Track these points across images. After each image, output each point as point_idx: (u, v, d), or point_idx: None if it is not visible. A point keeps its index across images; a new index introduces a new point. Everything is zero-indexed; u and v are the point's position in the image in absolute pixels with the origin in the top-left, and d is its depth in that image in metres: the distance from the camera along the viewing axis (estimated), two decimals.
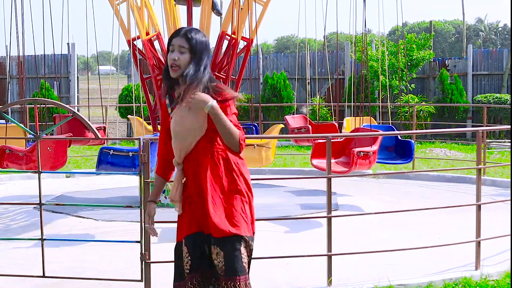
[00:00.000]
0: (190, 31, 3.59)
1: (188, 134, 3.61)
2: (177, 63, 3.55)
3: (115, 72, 32.33)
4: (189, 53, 3.56)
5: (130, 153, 7.48)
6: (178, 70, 3.56)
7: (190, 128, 3.60)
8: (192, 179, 3.69)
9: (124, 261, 6.17)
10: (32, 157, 7.80)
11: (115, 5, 9.27)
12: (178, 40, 3.56)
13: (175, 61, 3.55)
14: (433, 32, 23.11)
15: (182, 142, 3.64)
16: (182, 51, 3.55)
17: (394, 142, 9.70)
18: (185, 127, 3.60)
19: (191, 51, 3.56)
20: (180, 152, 3.67)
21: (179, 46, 3.55)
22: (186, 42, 3.55)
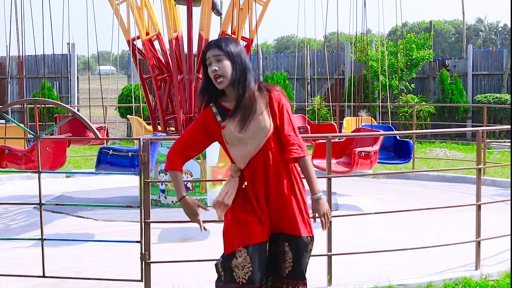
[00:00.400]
0: (219, 40, 3.60)
1: (254, 138, 3.58)
2: (219, 73, 3.53)
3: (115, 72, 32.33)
4: (227, 59, 3.55)
5: (129, 153, 7.48)
6: (224, 80, 3.54)
7: (255, 130, 3.57)
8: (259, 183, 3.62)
9: (124, 261, 6.17)
10: (31, 157, 7.80)
11: (115, 5, 9.27)
12: (211, 51, 3.56)
13: (217, 71, 3.53)
14: (433, 32, 23.11)
15: (246, 147, 3.59)
16: (219, 59, 3.55)
17: (393, 142, 9.70)
18: (250, 131, 3.58)
19: (228, 57, 3.56)
20: (244, 158, 3.62)
21: (213, 56, 3.55)
22: (219, 50, 3.55)
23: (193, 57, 9.27)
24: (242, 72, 3.58)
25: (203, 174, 8.85)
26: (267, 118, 3.58)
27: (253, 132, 3.57)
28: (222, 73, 3.54)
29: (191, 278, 5.53)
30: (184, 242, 7.04)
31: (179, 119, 9.21)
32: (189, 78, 9.28)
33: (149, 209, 5.09)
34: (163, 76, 9.38)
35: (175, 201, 8.87)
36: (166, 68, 9.39)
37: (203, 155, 8.87)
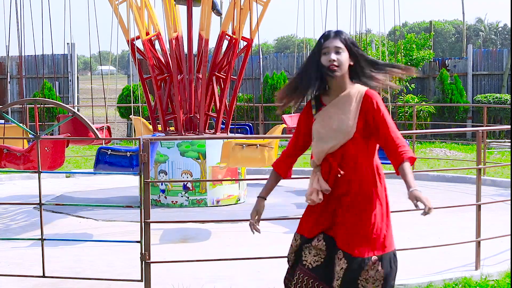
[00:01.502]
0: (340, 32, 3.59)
1: (332, 136, 3.53)
2: (337, 63, 3.50)
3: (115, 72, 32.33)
4: (346, 52, 3.54)
5: (128, 153, 7.48)
6: (338, 70, 3.50)
7: (336, 129, 3.52)
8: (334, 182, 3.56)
9: (124, 261, 6.17)
10: (30, 157, 7.79)
11: (115, 5, 9.27)
12: (332, 41, 3.54)
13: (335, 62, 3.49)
14: (433, 32, 23.11)
15: (323, 146, 3.55)
16: (339, 51, 3.52)
17: None
18: (330, 128, 3.54)
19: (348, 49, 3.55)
20: (319, 155, 3.57)
21: (335, 47, 3.52)
22: (340, 43, 3.54)
23: (193, 57, 9.27)
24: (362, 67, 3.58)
25: (203, 174, 8.85)
26: (353, 120, 3.51)
27: (334, 131, 3.53)
28: (339, 64, 3.51)
29: (191, 278, 5.53)
30: (184, 242, 7.04)
31: (179, 119, 9.21)
32: (189, 78, 9.28)
33: (149, 209, 5.09)
34: (163, 76, 9.38)
35: (175, 201, 8.88)
36: (166, 68, 9.39)
37: (203, 155, 8.87)
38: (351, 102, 3.53)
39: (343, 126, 3.51)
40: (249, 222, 3.74)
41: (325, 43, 3.55)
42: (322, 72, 3.53)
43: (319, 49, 3.57)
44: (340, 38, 3.55)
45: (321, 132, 3.55)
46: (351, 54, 3.55)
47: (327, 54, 3.53)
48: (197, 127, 9.31)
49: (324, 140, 3.54)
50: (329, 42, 3.54)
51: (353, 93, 3.55)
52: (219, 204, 8.88)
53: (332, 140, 3.53)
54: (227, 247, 6.77)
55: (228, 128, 9.62)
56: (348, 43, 3.55)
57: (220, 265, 5.80)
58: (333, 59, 3.49)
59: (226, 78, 9.40)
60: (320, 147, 3.56)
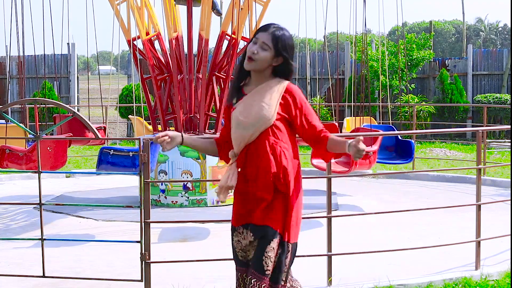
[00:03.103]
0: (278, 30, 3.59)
1: (252, 123, 3.55)
2: (255, 57, 3.55)
3: (115, 72, 32.33)
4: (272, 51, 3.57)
5: (130, 153, 7.48)
6: (251, 63, 3.56)
7: (256, 116, 3.55)
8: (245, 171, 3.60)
9: (124, 261, 6.17)
10: (32, 157, 7.80)
11: (115, 5, 9.27)
12: (263, 35, 3.57)
13: (254, 55, 3.55)
14: (433, 32, 23.11)
15: (243, 133, 3.58)
16: (265, 48, 3.56)
17: (394, 142, 9.69)
18: (250, 114, 3.56)
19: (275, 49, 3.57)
20: (239, 143, 3.60)
21: (262, 43, 3.56)
22: (270, 41, 3.57)
23: (193, 57, 9.27)
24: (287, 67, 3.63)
25: (203, 174, 8.85)
26: (273, 108, 3.55)
27: (254, 118, 3.55)
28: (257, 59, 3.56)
29: (191, 278, 5.53)
30: (184, 242, 7.04)
31: (179, 119, 9.21)
32: (189, 78, 9.28)
33: (149, 209, 5.09)
34: (163, 76, 9.38)
35: (175, 201, 8.88)
36: (166, 68, 9.39)
37: (203, 155, 8.87)
38: (272, 92, 3.58)
39: (263, 113, 3.53)
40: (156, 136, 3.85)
41: (259, 33, 3.60)
42: None
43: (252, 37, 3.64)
44: (273, 36, 3.57)
45: (240, 119, 3.58)
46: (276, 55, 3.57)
47: (253, 44, 3.58)
48: (197, 127, 9.32)
49: (244, 126, 3.57)
50: (261, 35, 3.59)
51: (274, 84, 3.60)
52: (219, 204, 8.89)
53: (251, 127, 3.55)
54: (227, 247, 6.73)
55: None
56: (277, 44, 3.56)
57: (220, 265, 5.80)
58: (253, 50, 3.56)
59: (226, 78, 9.40)
60: (240, 134, 3.59)
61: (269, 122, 3.54)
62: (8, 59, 17.79)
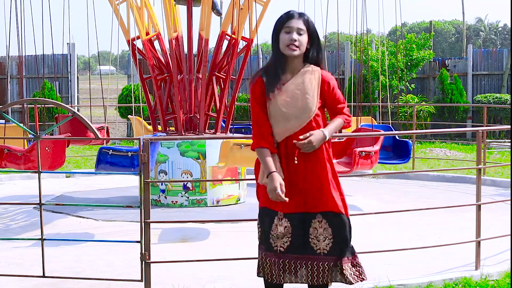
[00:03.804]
0: (304, 15, 3.78)
1: (297, 115, 3.70)
2: (297, 44, 3.69)
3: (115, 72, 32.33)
4: (307, 34, 3.73)
5: (129, 153, 7.48)
6: (297, 50, 3.70)
7: (301, 108, 3.70)
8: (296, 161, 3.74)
9: (124, 261, 6.17)
10: (31, 157, 7.80)
11: (115, 5, 9.27)
12: (296, 22, 3.72)
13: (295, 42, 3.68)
14: (433, 32, 23.11)
15: (287, 124, 3.71)
16: (301, 33, 3.71)
17: (392, 142, 9.69)
18: (296, 107, 3.70)
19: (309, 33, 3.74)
20: (283, 134, 3.73)
21: (298, 29, 3.71)
22: (303, 25, 3.73)
23: (193, 57, 9.27)
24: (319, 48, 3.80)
25: (203, 174, 8.85)
26: (315, 99, 3.72)
27: (299, 110, 3.70)
28: (299, 45, 3.71)
29: (191, 278, 5.53)
30: (184, 242, 7.04)
31: (179, 119, 9.21)
32: (189, 78, 9.28)
33: (149, 209, 5.09)
34: (163, 76, 9.38)
35: (175, 201, 8.88)
36: (166, 68, 9.39)
37: (203, 155, 8.87)
38: (312, 82, 3.74)
39: (308, 105, 3.71)
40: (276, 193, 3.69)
41: (289, 22, 3.73)
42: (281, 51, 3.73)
43: (281, 26, 3.74)
44: (303, 20, 3.75)
45: (285, 111, 3.70)
46: (310, 37, 3.75)
47: (289, 33, 3.71)
48: (197, 127, 9.32)
49: (290, 119, 3.71)
50: (293, 22, 3.73)
51: (310, 73, 3.76)
52: (219, 204, 8.88)
53: (297, 119, 3.71)
54: (227, 247, 6.77)
55: (228, 128, 9.62)
56: (311, 26, 3.76)
57: (220, 265, 5.80)
58: (294, 39, 3.69)
59: (226, 78, 9.40)
60: (285, 126, 3.72)
61: (313, 113, 3.72)
62: (8, 59, 17.78)
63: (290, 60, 3.76)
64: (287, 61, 3.76)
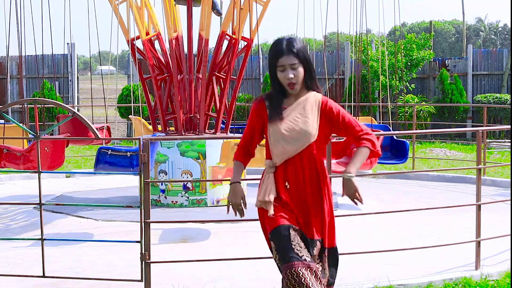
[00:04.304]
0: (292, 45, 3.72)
1: (298, 138, 3.73)
2: (294, 81, 3.72)
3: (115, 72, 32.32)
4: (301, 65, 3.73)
5: (128, 153, 7.48)
6: (296, 86, 3.74)
7: (301, 132, 3.73)
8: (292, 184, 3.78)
9: (124, 261, 6.17)
10: (30, 157, 7.80)
11: (115, 5, 9.27)
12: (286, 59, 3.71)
13: (292, 79, 3.71)
14: (433, 32, 23.11)
15: (287, 147, 3.74)
16: (295, 67, 3.72)
17: (389, 142, 9.69)
18: (295, 130, 3.74)
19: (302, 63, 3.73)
20: (282, 156, 3.76)
21: (290, 65, 3.71)
22: (295, 58, 3.71)
23: (193, 57, 9.27)
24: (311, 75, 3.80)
25: (203, 174, 8.85)
26: (316, 123, 3.75)
27: (299, 133, 3.73)
28: (296, 81, 3.73)
29: (191, 278, 5.53)
30: (184, 242, 7.04)
31: (179, 119, 9.21)
32: (189, 78, 9.28)
33: (149, 209, 5.09)
34: (163, 76, 9.38)
35: (175, 201, 8.88)
36: (166, 68, 9.39)
37: (203, 155, 8.87)
38: (312, 107, 3.78)
39: (308, 129, 3.73)
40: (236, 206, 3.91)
41: (280, 60, 3.73)
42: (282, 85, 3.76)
43: (274, 63, 3.75)
44: (293, 53, 3.72)
45: (285, 134, 3.74)
46: (304, 65, 3.75)
47: (283, 72, 3.72)
48: (197, 127, 9.32)
49: (289, 142, 3.74)
50: (285, 60, 3.71)
51: (312, 99, 3.79)
52: (219, 204, 8.88)
53: (297, 142, 3.74)
54: (227, 247, 6.77)
55: (228, 128, 9.62)
56: (301, 56, 3.73)
57: (220, 265, 5.80)
58: (290, 77, 3.71)
59: (226, 78, 9.40)
60: (284, 149, 3.75)
61: (313, 138, 3.74)
62: (8, 59, 17.76)
63: None
64: None
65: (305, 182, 3.76)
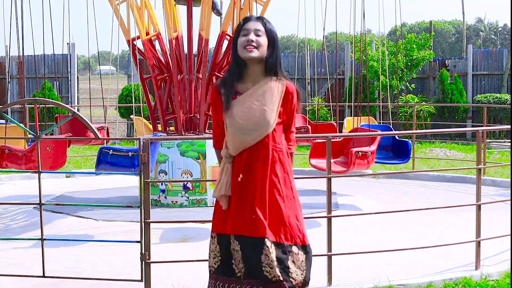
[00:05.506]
0: (263, 18, 3.61)
1: (254, 128, 3.49)
2: (254, 44, 3.48)
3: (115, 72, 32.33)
4: (266, 36, 3.53)
5: (129, 153, 7.48)
6: (255, 51, 3.48)
7: (258, 122, 3.49)
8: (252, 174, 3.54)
9: (124, 261, 6.17)
10: (32, 157, 7.80)
11: (115, 5, 9.27)
12: (253, 24, 3.53)
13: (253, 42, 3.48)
14: (433, 32, 23.10)
15: (243, 137, 3.51)
16: (259, 34, 3.52)
17: (391, 141, 9.69)
18: (252, 120, 3.49)
19: (267, 35, 3.54)
20: (239, 147, 3.52)
21: (255, 30, 3.52)
22: (261, 26, 3.54)
23: (193, 57, 9.27)
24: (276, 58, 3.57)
25: (203, 174, 8.85)
26: (275, 112, 3.51)
27: (256, 123, 3.50)
28: (257, 45, 3.50)
29: (191, 278, 5.53)
30: (184, 242, 7.04)
31: (179, 119, 9.21)
32: (189, 78, 9.28)
33: (149, 209, 5.10)
34: (163, 76, 9.38)
35: (175, 201, 8.88)
36: (166, 68, 9.39)
37: (203, 155, 8.87)
38: (273, 94, 3.52)
39: (266, 118, 3.49)
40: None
41: (246, 24, 3.54)
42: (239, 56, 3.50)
43: (239, 31, 3.56)
44: (261, 22, 3.55)
45: (241, 123, 3.49)
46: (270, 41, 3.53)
47: (246, 36, 3.51)
48: (197, 127, 9.32)
49: (245, 131, 3.49)
50: (250, 24, 3.54)
51: (274, 85, 3.54)
52: None
53: (254, 132, 3.49)
54: None
55: None
56: (268, 29, 3.54)
57: None
58: (251, 39, 3.48)
59: None
60: (241, 139, 3.51)
61: (272, 127, 3.51)
62: (8, 59, 17.77)
63: (250, 67, 3.54)
64: (247, 68, 3.54)
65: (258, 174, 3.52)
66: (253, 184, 3.54)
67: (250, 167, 3.55)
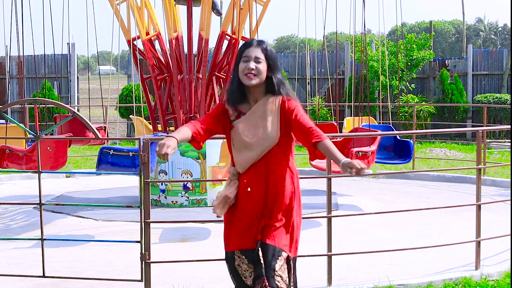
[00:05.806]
0: (263, 43, 3.72)
1: (259, 144, 3.65)
2: (254, 72, 3.64)
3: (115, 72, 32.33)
4: (265, 62, 3.67)
5: (130, 153, 7.48)
6: (254, 79, 3.64)
7: (262, 137, 3.65)
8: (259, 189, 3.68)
9: (124, 261, 6.17)
10: (32, 157, 7.80)
11: (115, 5, 9.27)
12: (253, 51, 3.67)
13: (253, 70, 3.63)
14: (433, 32, 23.11)
15: (249, 154, 3.66)
16: (259, 61, 3.66)
17: (393, 142, 9.69)
18: (257, 136, 3.65)
19: (267, 60, 3.68)
20: (245, 164, 3.69)
21: (255, 58, 3.66)
22: (261, 53, 3.67)
23: (193, 57, 9.27)
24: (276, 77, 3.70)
25: (203, 174, 8.85)
26: (276, 126, 3.65)
27: (260, 138, 3.65)
28: (257, 73, 3.65)
29: (191, 278, 5.53)
30: (184, 242, 7.04)
31: (179, 119, 9.21)
32: (189, 78, 9.28)
33: (149, 209, 5.10)
34: (163, 76, 9.38)
35: (175, 201, 8.88)
36: (166, 68, 9.39)
37: (203, 155, 8.87)
38: (272, 109, 3.67)
39: (270, 134, 3.65)
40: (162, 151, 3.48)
41: (246, 51, 3.68)
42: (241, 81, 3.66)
43: (240, 56, 3.70)
44: (261, 48, 3.69)
45: (246, 140, 3.66)
46: (270, 66, 3.68)
47: (246, 62, 3.66)
48: None
49: (250, 148, 3.66)
50: (250, 51, 3.67)
51: (271, 100, 3.68)
52: None
53: (258, 148, 3.66)
54: None
55: None
56: (268, 54, 3.68)
57: (220, 265, 5.78)
58: (251, 68, 3.64)
59: (226, 78, 9.40)
60: (247, 156, 3.67)
61: (276, 141, 3.66)
62: (8, 59, 17.78)
63: (251, 90, 3.71)
64: (248, 91, 3.71)
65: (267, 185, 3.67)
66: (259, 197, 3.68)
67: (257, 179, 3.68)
